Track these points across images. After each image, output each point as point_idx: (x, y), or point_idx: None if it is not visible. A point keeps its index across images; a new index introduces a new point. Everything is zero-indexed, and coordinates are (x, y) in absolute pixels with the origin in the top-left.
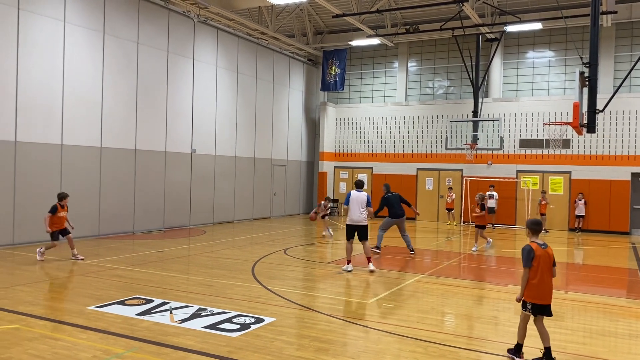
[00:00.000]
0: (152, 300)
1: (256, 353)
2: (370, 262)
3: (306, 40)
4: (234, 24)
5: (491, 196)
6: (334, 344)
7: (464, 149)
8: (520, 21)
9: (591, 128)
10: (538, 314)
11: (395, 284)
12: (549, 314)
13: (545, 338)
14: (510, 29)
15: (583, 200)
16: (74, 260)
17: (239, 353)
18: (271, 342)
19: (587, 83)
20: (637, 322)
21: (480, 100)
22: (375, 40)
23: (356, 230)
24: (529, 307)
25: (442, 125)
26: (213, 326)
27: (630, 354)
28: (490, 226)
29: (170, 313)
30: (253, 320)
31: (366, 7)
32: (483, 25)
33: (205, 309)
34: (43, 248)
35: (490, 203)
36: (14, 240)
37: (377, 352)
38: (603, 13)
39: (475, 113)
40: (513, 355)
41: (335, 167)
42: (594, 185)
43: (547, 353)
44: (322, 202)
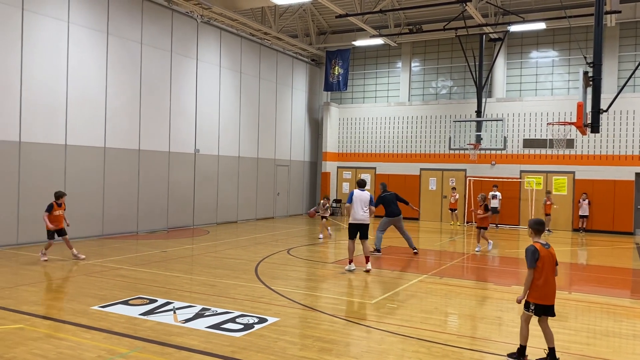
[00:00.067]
0: (156, 300)
1: (259, 353)
2: (368, 262)
3: (309, 41)
4: (237, 24)
5: (494, 196)
6: (337, 344)
7: (467, 149)
8: (524, 21)
9: (595, 128)
10: (542, 315)
11: (399, 284)
12: (553, 314)
13: (550, 339)
14: (513, 28)
15: (587, 200)
16: (76, 260)
17: (243, 353)
18: (274, 342)
19: (591, 83)
20: None
21: (483, 100)
22: (378, 40)
23: (358, 229)
24: (532, 308)
25: (446, 125)
26: (216, 326)
27: (634, 355)
28: (493, 226)
29: (174, 313)
30: (256, 320)
31: (369, 7)
32: (486, 25)
33: (209, 309)
34: (43, 249)
35: (494, 203)
36: (18, 240)
37: (381, 352)
38: (607, 13)
39: (478, 113)
40: None
41: (338, 167)
42: (598, 186)
43: (552, 354)
44: (321, 202)
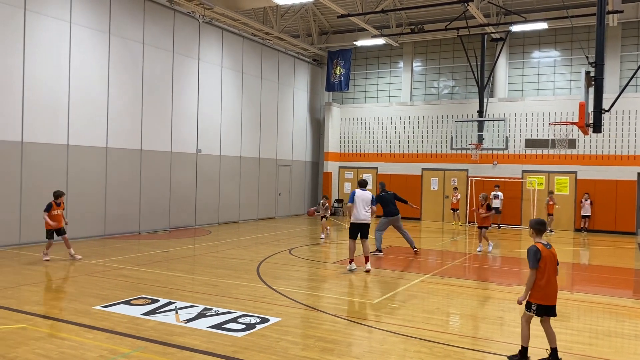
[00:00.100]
0: (158, 300)
1: (261, 353)
2: (367, 262)
3: (311, 41)
4: (239, 25)
5: (496, 196)
6: (339, 344)
7: (469, 149)
8: (526, 21)
9: (597, 128)
10: (543, 315)
11: (400, 284)
12: (554, 315)
13: (552, 339)
14: (515, 28)
15: (589, 200)
16: (72, 260)
17: (245, 353)
18: (276, 342)
19: (593, 83)
20: None
21: (485, 100)
22: (380, 40)
23: (360, 229)
24: (533, 308)
25: (447, 125)
26: (218, 326)
27: (637, 355)
28: (495, 226)
29: (176, 313)
30: (258, 320)
31: (371, 7)
32: (488, 25)
33: (211, 309)
34: (45, 249)
35: (496, 203)
36: (21, 240)
37: (383, 353)
38: (609, 12)
39: (480, 113)
40: None
41: (340, 167)
42: (600, 185)
43: (554, 354)
44: (321, 201)
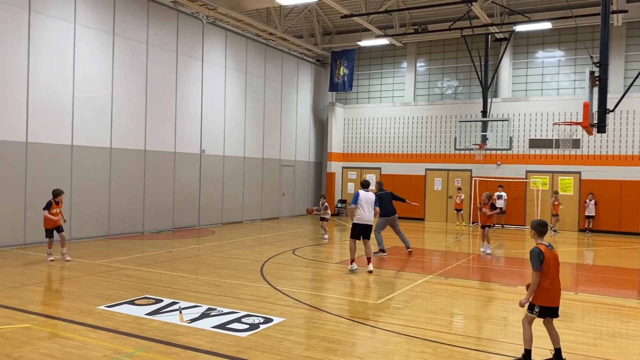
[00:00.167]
0: (162, 300)
1: (265, 353)
2: (370, 263)
3: (314, 41)
4: (242, 25)
5: (500, 196)
6: (343, 344)
7: (473, 149)
8: (530, 21)
9: (601, 128)
10: (546, 316)
11: (404, 285)
12: (557, 316)
13: (556, 339)
14: (519, 28)
15: (593, 200)
16: (62, 259)
17: (248, 353)
18: (280, 342)
19: (598, 83)
20: None
21: (489, 100)
22: (383, 41)
23: (363, 230)
24: (536, 310)
25: (451, 125)
26: (222, 326)
27: None
28: (499, 227)
29: (180, 313)
30: (262, 320)
31: (374, 8)
32: (492, 25)
33: (215, 309)
34: (48, 249)
35: (499, 203)
36: (25, 240)
37: (386, 353)
38: (614, 12)
39: (484, 113)
40: None
41: (343, 168)
42: (604, 186)
43: (558, 354)
44: (320, 201)
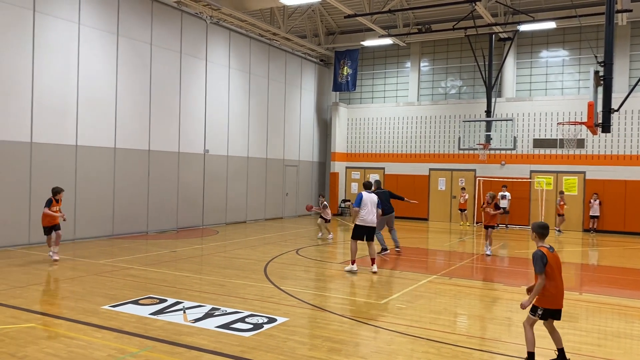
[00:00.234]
0: (166, 300)
1: (269, 353)
2: (374, 264)
3: (318, 41)
4: (246, 25)
5: (504, 196)
6: (347, 344)
7: (477, 149)
8: (534, 20)
9: (606, 128)
10: (548, 319)
11: (408, 285)
12: (559, 318)
13: (558, 340)
14: (523, 28)
15: (598, 200)
16: (50, 257)
17: (252, 353)
18: (284, 342)
19: (602, 82)
20: None
21: (493, 100)
22: (387, 40)
23: (366, 232)
24: (539, 312)
25: (455, 125)
26: (226, 326)
27: None
28: (503, 227)
29: (184, 312)
30: (266, 320)
31: (378, 7)
32: (496, 24)
33: (219, 309)
34: (48, 247)
35: (503, 203)
36: (30, 240)
37: (390, 353)
38: (618, 11)
39: (488, 113)
40: None
41: (347, 168)
42: (609, 186)
43: (561, 354)
44: (319, 200)
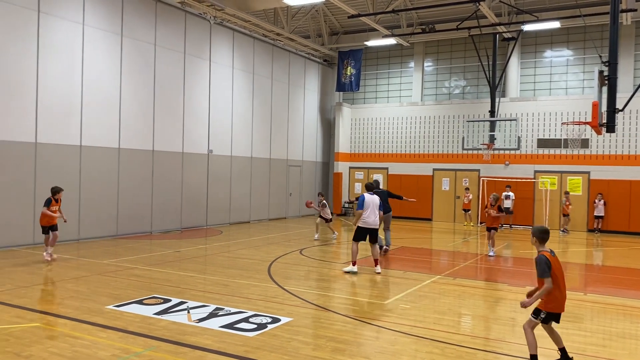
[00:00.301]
0: (170, 300)
1: (273, 353)
2: (377, 265)
3: (321, 41)
4: (249, 26)
5: (507, 197)
6: (351, 344)
7: (481, 149)
8: (538, 20)
9: (611, 127)
10: (549, 322)
11: (412, 285)
12: (558, 322)
13: (558, 340)
14: (527, 28)
15: (602, 200)
16: (44, 257)
17: (256, 353)
18: (288, 342)
19: (607, 82)
20: None
21: (497, 99)
22: (391, 40)
23: (369, 234)
24: (542, 316)
25: (459, 125)
26: (230, 326)
27: None
28: (507, 227)
29: (188, 312)
30: (270, 320)
31: (382, 7)
32: (500, 24)
33: (222, 309)
34: (45, 246)
35: (507, 204)
36: (34, 240)
37: (394, 353)
38: (623, 11)
39: (492, 113)
40: None
41: (350, 168)
42: (614, 186)
43: (564, 354)
44: (317, 199)
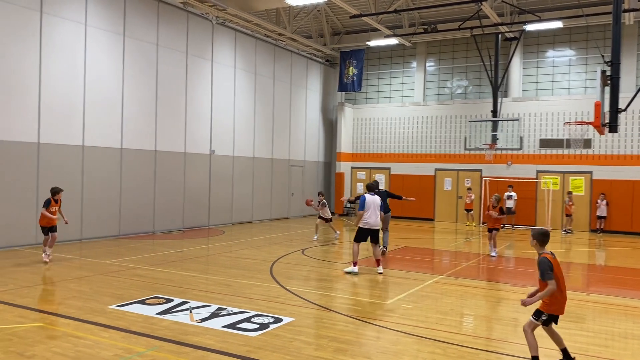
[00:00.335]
0: (172, 300)
1: (275, 353)
2: (379, 265)
3: (324, 41)
4: (252, 26)
5: (510, 197)
6: (352, 344)
7: (483, 149)
8: (540, 20)
9: (613, 127)
10: (549, 324)
11: (414, 285)
12: (557, 323)
13: (559, 340)
14: (529, 27)
15: (605, 200)
16: (42, 258)
17: (258, 352)
18: (290, 342)
19: (609, 82)
20: None
21: (499, 99)
22: (393, 40)
23: (370, 234)
24: (543, 318)
25: (461, 125)
26: (232, 325)
27: None
28: (509, 227)
29: (190, 312)
30: (272, 320)
31: (384, 7)
32: (502, 24)
33: (225, 309)
34: (43, 246)
35: (509, 204)
36: (37, 240)
37: (396, 353)
38: (625, 11)
39: (494, 113)
40: None
41: (352, 168)
42: (616, 186)
43: (566, 353)
44: (317, 199)
